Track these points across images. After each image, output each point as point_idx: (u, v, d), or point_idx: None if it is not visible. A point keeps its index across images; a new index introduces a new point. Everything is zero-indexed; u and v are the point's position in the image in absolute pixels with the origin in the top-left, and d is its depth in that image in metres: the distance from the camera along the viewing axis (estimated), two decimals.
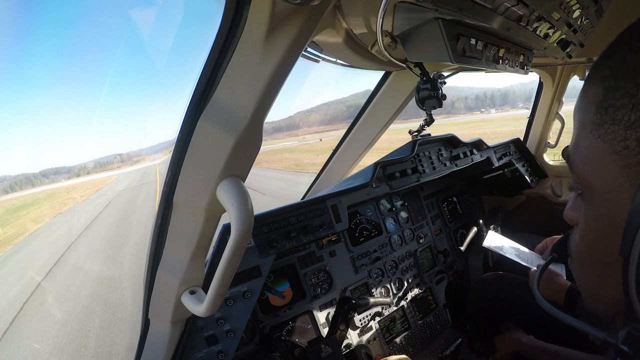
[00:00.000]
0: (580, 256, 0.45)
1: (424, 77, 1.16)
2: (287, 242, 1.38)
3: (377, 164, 1.65)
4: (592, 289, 0.45)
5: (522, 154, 2.35)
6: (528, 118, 2.45)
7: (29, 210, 25.42)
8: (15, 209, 28.52)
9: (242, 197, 0.62)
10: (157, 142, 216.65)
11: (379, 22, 0.73)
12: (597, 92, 0.37)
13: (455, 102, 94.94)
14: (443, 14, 0.71)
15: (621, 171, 0.35)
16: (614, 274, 0.38)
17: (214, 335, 1.16)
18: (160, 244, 0.80)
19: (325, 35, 0.92)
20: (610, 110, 0.35)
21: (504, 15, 0.76)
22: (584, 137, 0.39)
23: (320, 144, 36.86)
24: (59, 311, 5.42)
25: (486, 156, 2.07)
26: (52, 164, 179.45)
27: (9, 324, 5.30)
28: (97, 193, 28.25)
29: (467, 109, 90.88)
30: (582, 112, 0.40)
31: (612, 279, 0.39)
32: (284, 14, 0.51)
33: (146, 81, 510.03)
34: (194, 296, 0.82)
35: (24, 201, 34.79)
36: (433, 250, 2.05)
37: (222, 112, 0.60)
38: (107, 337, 4.19)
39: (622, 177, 0.35)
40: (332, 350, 1.27)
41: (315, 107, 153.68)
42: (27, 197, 40.23)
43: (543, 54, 1.17)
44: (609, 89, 0.35)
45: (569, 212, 0.49)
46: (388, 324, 1.76)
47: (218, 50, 0.57)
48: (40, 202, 29.77)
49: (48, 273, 7.67)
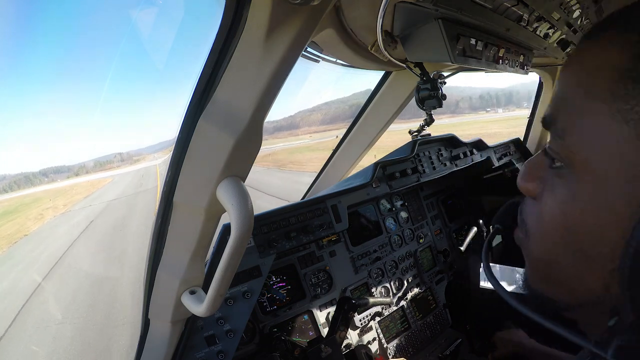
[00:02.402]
0: (545, 236, 0.40)
1: (424, 77, 1.16)
2: (287, 242, 1.38)
3: (377, 164, 1.65)
4: (557, 274, 0.40)
5: (522, 154, 2.35)
6: (528, 118, 2.45)
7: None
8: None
9: (242, 197, 0.62)
10: (158, 141, 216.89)
11: (379, 22, 0.73)
12: (620, 57, 0.31)
13: (460, 101, 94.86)
14: (443, 14, 0.71)
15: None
16: (593, 265, 0.35)
17: (214, 335, 1.16)
18: (160, 244, 0.80)
19: (325, 35, 0.92)
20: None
21: (504, 15, 0.76)
22: (593, 108, 0.33)
23: (337, 141, 36.15)
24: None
25: (486, 156, 2.07)
26: (52, 163, 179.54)
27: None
28: (83, 202, 23.61)
29: (471, 109, 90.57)
30: (590, 76, 0.34)
31: (591, 269, 0.36)
32: (284, 14, 0.51)
33: (146, 81, 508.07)
34: (194, 296, 0.82)
35: (6, 208, 30.47)
36: (433, 250, 2.05)
37: (222, 112, 0.60)
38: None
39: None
40: (332, 350, 1.27)
41: (316, 106, 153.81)
42: (12, 202, 36.20)
43: (543, 54, 1.17)
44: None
45: (527, 183, 0.43)
46: (388, 324, 1.76)
47: (218, 50, 0.57)
48: (19, 211, 24.41)
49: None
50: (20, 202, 32.86)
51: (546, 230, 0.40)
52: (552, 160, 0.38)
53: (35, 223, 18.51)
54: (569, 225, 0.36)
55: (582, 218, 0.35)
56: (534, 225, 0.42)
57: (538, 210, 0.41)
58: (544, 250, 0.41)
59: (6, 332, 5.35)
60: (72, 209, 21.16)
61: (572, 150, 0.35)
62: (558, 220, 0.37)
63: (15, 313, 5.92)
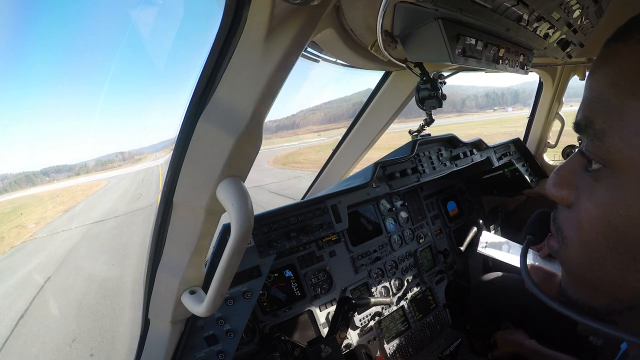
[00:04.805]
0: (589, 243, 0.39)
1: (424, 77, 1.15)
2: (287, 242, 1.38)
3: (377, 164, 1.65)
4: (599, 280, 0.40)
5: (522, 154, 2.35)
6: (528, 118, 2.45)
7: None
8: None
9: (242, 197, 0.62)
10: (159, 140, 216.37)
11: (379, 22, 0.73)
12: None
13: (466, 100, 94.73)
14: (443, 14, 0.71)
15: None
16: (639, 266, 0.35)
17: (214, 335, 1.16)
18: (160, 244, 0.80)
19: (325, 35, 0.92)
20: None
21: (504, 15, 0.76)
22: (633, 106, 0.33)
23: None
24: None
25: (486, 156, 2.07)
26: (52, 162, 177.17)
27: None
28: (59, 220, 16.89)
29: (478, 107, 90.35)
30: (625, 76, 0.35)
31: (636, 270, 0.36)
32: (284, 14, 0.51)
33: (146, 80, 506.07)
34: (194, 296, 0.82)
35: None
36: (433, 250, 2.05)
37: (222, 112, 0.60)
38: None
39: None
40: (332, 350, 1.27)
41: (318, 105, 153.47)
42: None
43: (543, 54, 1.17)
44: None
45: (559, 189, 0.42)
46: (388, 324, 1.76)
47: (218, 50, 0.57)
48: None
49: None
50: (1, 211, 25.17)
51: (587, 235, 0.39)
52: (589, 162, 0.39)
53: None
54: (614, 227, 0.36)
55: (628, 217, 0.34)
56: (572, 233, 0.41)
57: (575, 216, 0.40)
58: (585, 256, 0.40)
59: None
60: (40, 231, 14.37)
61: (612, 151, 0.35)
62: (601, 223, 0.37)
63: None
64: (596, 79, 0.38)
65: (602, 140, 0.36)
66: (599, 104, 0.37)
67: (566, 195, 0.42)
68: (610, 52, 0.37)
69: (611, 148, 0.35)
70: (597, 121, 0.37)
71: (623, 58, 0.35)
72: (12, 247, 12.51)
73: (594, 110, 0.38)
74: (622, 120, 0.34)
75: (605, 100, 0.36)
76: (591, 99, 0.38)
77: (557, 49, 1.11)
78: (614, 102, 0.35)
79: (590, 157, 0.38)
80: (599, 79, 0.38)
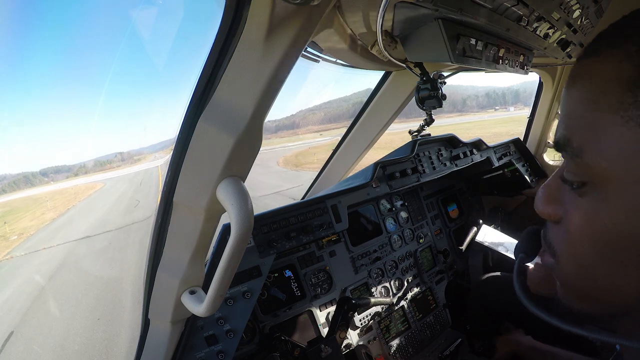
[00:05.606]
0: (579, 255, 0.40)
1: (424, 77, 1.16)
2: (287, 242, 1.38)
3: (377, 164, 1.65)
4: (591, 288, 0.41)
5: (522, 154, 2.35)
6: (528, 118, 2.45)
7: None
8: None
9: (242, 197, 0.62)
10: (158, 140, 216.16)
11: (379, 22, 0.73)
12: (622, 68, 0.33)
13: (467, 99, 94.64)
14: (443, 13, 0.71)
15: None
16: (630, 273, 0.36)
17: (214, 335, 1.16)
18: (160, 244, 0.80)
19: (325, 35, 0.92)
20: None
21: (504, 15, 0.76)
22: (605, 119, 0.34)
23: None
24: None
25: (486, 156, 2.07)
26: (51, 163, 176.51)
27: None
28: (43, 232, 14.13)
29: (479, 107, 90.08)
30: (596, 90, 0.35)
31: (628, 277, 0.36)
32: (284, 14, 0.51)
33: (146, 81, 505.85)
34: (194, 296, 0.82)
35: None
36: (433, 250, 2.05)
37: (222, 112, 0.60)
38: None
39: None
40: (332, 350, 1.27)
41: (318, 105, 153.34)
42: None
43: (543, 54, 1.17)
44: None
45: (547, 207, 0.43)
46: (388, 324, 1.76)
47: (218, 50, 0.57)
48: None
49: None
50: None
51: (576, 248, 0.40)
52: (571, 184, 0.39)
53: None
54: (601, 237, 0.37)
55: (614, 226, 0.35)
56: (562, 247, 0.42)
57: (564, 231, 0.41)
58: (576, 267, 0.41)
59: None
60: (19, 248, 12.15)
61: (592, 165, 0.36)
62: (589, 235, 0.38)
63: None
64: (570, 96, 0.39)
65: (581, 157, 0.37)
66: (575, 120, 0.38)
67: (553, 211, 0.43)
68: (581, 68, 0.38)
69: (590, 163, 0.36)
70: (574, 138, 0.37)
71: (594, 74, 0.36)
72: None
73: (570, 127, 0.38)
74: (596, 134, 0.35)
75: (580, 117, 0.37)
76: (567, 116, 0.39)
77: (557, 49, 1.11)
78: (588, 118, 0.36)
79: (570, 179, 0.39)
80: (573, 96, 0.38)
